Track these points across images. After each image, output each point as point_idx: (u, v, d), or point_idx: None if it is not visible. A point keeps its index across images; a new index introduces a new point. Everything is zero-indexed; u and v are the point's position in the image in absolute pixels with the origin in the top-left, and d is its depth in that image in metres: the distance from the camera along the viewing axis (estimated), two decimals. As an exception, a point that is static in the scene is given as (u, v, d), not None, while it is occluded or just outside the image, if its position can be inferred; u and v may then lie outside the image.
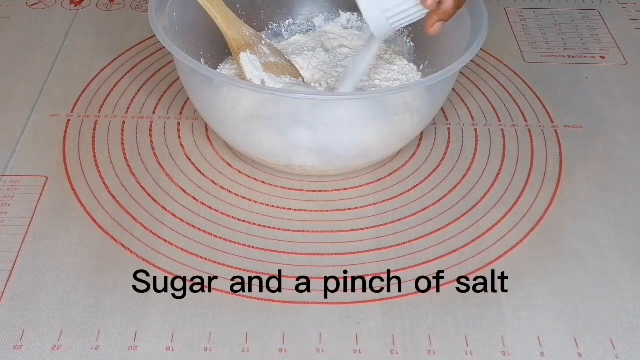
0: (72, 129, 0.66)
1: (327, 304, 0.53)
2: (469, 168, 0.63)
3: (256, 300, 0.53)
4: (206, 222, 0.58)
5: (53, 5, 0.82)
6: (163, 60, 0.74)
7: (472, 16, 0.62)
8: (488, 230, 0.58)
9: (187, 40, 0.64)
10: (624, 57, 0.77)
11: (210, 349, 0.50)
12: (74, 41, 0.77)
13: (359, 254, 0.56)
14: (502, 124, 0.68)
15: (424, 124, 0.63)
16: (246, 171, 0.63)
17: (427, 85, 0.60)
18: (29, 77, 0.72)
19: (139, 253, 0.56)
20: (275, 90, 0.59)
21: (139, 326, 0.51)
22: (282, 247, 0.56)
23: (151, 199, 0.60)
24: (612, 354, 0.50)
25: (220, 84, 0.59)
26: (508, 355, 0.50)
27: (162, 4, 0.62)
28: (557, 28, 0.81)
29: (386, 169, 0.63)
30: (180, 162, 0.63)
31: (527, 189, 0.62)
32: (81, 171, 0.62)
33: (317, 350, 0.50)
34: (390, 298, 0.53)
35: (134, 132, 0.66)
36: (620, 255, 0.57)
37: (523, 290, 0.54)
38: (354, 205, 0.60)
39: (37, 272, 0.54)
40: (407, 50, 0.71)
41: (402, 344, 0.50)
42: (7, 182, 0.61)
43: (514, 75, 0.74)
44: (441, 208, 0.60)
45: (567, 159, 0.65)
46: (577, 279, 0.55)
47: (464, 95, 0.71)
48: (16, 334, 0.50)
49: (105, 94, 0.70)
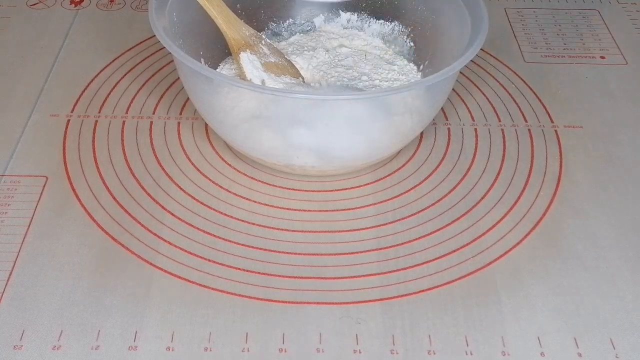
0: (72, 129, 0.66)
1: (327, 304, 0.53)
2: (469, 168, 0.63)
3: (256, 300, 0.53)
4: (206, 222, 0.58)
5: (53, 5, 0.82)
6: (163, 60, 0.74)
7: (472, 16, 0.62)
8: (488, 230, 0.58)
9: (187, 40, 0.64)
10: (624, 57, 0.77)
11: (210, 349, 0.50)
12: (74, 41, 0.77)
13: (359, 254, 0.56)
14: (502, 124, 0.68)
15: (424, 124, 0.63)
16: (246, 171, 0.63)
17: (427, 85, 0.60)
18: (29, 77, 0.72)
19: (139, 253, 0.56)
20: (275, 90, 0.59)
21: (139, 326, 0.51)
22: (282, 247, 0.56)
23: (151, 199, 0.60)
24: (612, 354, 0.50)
25: (220, 84, 0.59)
26: (508, 355, 0.50)
27: (162, 4, 0.62)
28: (557, 28, 0.81)
29: (386, 169, 0.63)
30: (180, 162, 0.63)
31: (527, 189, 0.62)
32: (81, 171, 0.62)
33: (317, 350, 0.50)
34: (390, 298, 0.53)
35: (134, 132, 0.66)
36: (620, 255, 0.57)
37: (523, 290, 0.54)
38: (354, 205, 0.60)
39: (37, 272, 0.54)
40: (407, 50, 0.71)
41: (402, 344, 0.50)
42: (7, 182, 0.61)
43: (514, 75, 0.74)
44: (441, 208, 0.60)
45: (567, 159, 0.65)
46: (577, 279, 0.55)
47: (464, 95, 0.71)
48: (16, 334, 0.50)
49: (105, 94, 0.70)
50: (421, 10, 0.70)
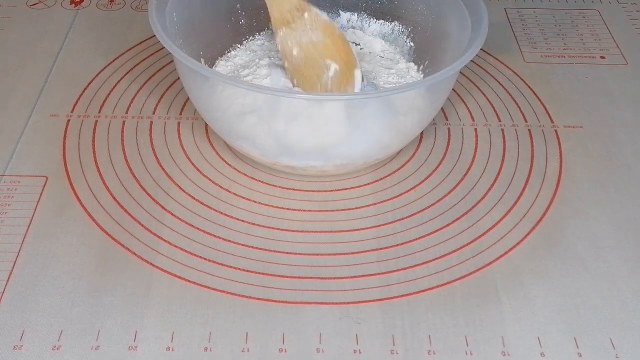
0: (72, 129, 0.66)
1: (327, 304, 0.53)
2: (469, 168, 0.64)
3: (256, 300, 0.53)
4: (206, 222, 0.58)
5: (53, 5, 0.82)
6: (163, 60, 0.74)
7: (472, 16, 0.62)
8: (488, 231, 0.58)
9: (187, 40, 0.64)
10: (624, 57, 0.77)
11: (210, 349, 0.50)
12: (74, 41, 0.77)
13: (359, 254, 0.56)
14: (502, 124, 0.68)
15: (424, 124, 0.63)
16: (246, 171, 0.63)
17: (427, 85, 0.60)
18: (29, 77, 0.72)
19: (139, 253, 0.56)
20: (276, 90, 0.58)
21: (139, 326, 0.51)
22: (282, 247, 0.56)
23: (151, 199, 0.60)
24: (612, 354, 0.50)
25: (218, 82, 0.59)
26: (508, 355, 0.50)
27: (162, 4, 0.62)
28: (557, 28, 0.81)
29: (386, 169, 0.63)
30: (180, 162, 0.63)
31: (527, 189, 0.62)
32: (81, 171, 0.62)
33: (317, 350, 0.50)
34: (390, 298, 0.53)
35: (134, 132, 0.66)
36: (620, 255, 0.57)
37: (523, 290, 0.54)
38: (354, 205, 0.60)
39: (37, 272, 0.54)
40: (407, 50, 0.71)
41: (402, 344, 0.50)
42: (7, 182, 0.61)
43: (514, 75, 0.74)
44: (441, 208, 0.60)
45: (567, 159, 0.65)
46: (577, 279, 0.55)
47: (464, 95, 0.71)
48: (16, 334, 0.50)
49: (105, 94, 0.70)
50: (421, 10, 0.70)
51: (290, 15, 0.59)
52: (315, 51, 0.59)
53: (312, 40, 0.59)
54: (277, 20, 0.60)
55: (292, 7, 0.60)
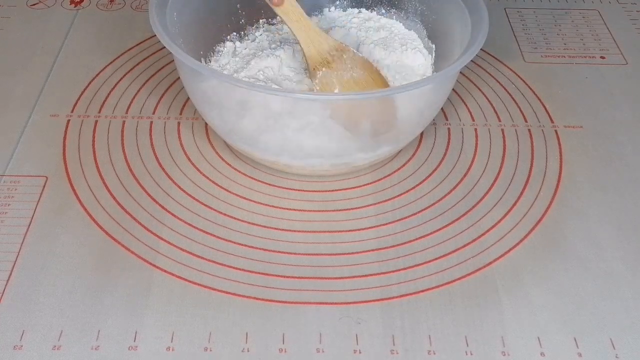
0: (72, 129, 0.66)
1: (327, 304, 0.53)
2: (469, 168, 0.63)
3: (256, 300, 0.53)
4: (206, 222, 0.58)
5: (53, 5, 0.82)
6: (163, 60, 0.74)
7: (472, 16, 0.62)
8: (488, 230, 0.58)
9: (187, 40, 0.64)
10: (624, 57, 0.77)
11: (210, 349, 0.50)
12: (74, 41, 0.77)
13: (359, 254, 0.56)
14: (502, 124, 0.68)
15: (424, 124, 0.63)
16: (246, 171, 0.63)
17: (427, 85, 0.59)
18: (29, 77, 0.72)
19: (139, 253, 0.56)
20: (276, 90, 0.58)
21: (139, 326, 0.51)
22: (282, 247, 0.56)
23: (151, 199, 0.60)
24: (612, 354, 0.50)
25: (219, 82, 0.59)
26: (508, 355, 0.50)
27: (162, 4, 0.62)
28: (557, 28, 0.81)
29: (386, 169, 0.63)
30: (180, 162, 0.63)
31: (527, 189, 0.62)
32: (81, 171, 0.62)
33: (317, 350, 0.50)
34: (390, 298, 0.53)
35: (134, 132, 0.66)
36: (620, 255, 0.57)
37: (523, 290, 0.54)
38: (354, 205, 0.60)
39: (37, 272, 0.54)
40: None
41: (402, 344, 0.50)
42: (7, 182, 0.61)
43: (514, 75, 0.74)
44: (441, 208, 0.60)
45: (567, 159, 0.65)
46: (577, 279, 0.55)
47: (464, 95, 0.71)
48: (16, 334, 0.50)
49: (105, 94, 0.70)
50: (422, 11, 0.70)
51: (330, 56, 0.62)
52: (357, 87, 0.62)
53: (353, 77, 0.62)
54: (315, 61, 0.62)
55: (331, 48, 0.62)
